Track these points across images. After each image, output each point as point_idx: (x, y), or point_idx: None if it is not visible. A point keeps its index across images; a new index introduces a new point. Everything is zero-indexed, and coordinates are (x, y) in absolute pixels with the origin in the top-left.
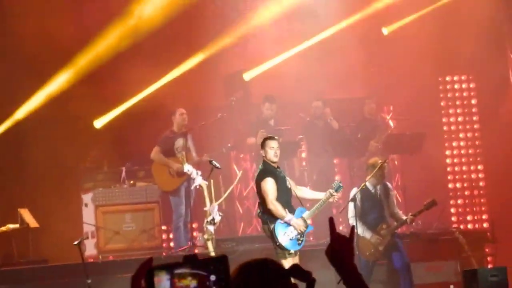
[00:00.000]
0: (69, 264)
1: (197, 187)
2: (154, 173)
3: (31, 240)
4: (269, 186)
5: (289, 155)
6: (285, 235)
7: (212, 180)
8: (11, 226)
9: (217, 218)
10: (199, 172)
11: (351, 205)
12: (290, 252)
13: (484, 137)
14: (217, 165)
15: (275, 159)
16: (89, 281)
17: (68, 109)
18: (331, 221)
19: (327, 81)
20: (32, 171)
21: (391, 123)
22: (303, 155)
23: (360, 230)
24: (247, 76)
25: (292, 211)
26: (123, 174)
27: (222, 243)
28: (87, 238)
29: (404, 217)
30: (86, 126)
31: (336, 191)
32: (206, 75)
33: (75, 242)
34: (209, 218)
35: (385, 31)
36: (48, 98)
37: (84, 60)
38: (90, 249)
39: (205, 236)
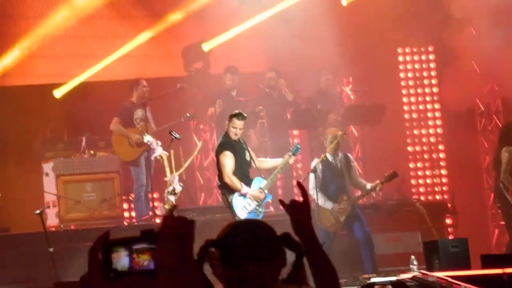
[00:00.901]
0: (31, 233)
1: (157, 157)
2: (114, 143)
3: None
4: (226, 159)
5: (249, 126)
6: (243, 209)
7: (172, 151)
8: None
9: (178, 188)
10: (159, 143)
11: (311, 176)
12: None
13: (444, 109)
14: (177, 135)
15: (234, 138)
16: (51, 249)
17: (27, 79)
18: (299, 184)
19: (285, 52)
20: None
21: (350, 94)
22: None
23: (321, 201)
24: (206, 46)
25: (249, 182)
26: (83, 144)
27: (182, 213)
28: (48, 207)
29: (369, 186)
30: (46, 95)
31: (294, 154)
32: (165, 45)
33: (37, 211)
34: (170, 188)
35: (344, 2)
36: (8, 67)
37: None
38: (51, 218)
39: (166, 206)
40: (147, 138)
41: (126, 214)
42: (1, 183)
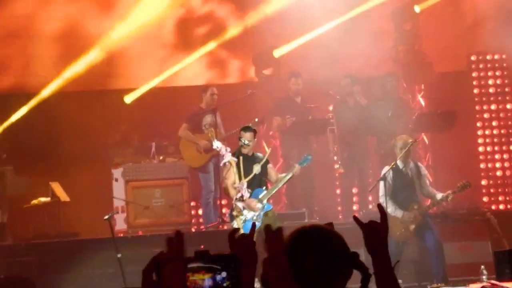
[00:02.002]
0: (99, 238)
1: (226, 163)
2: (182, 149)
3: (61, 213)
4: (226, 168)
5: (318, 132)
6: (240, 219)
7: (241, 157)
8: (42, 199)
9: (246, 195)
10: (228, 149)
11: (381, 184)
12: None
13: None
14: (246, 142)
15: (244, 151)
16: (119, 255)
17: (98, 85)
18: (380, 207)
19: (357, 59)
20: (63, 146)
21: (422, 101)
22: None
23: (391, 209)
24: (277, 53)
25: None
26: (153, 149)
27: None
28: (117, 212)
29: (440, 196)
30: (116, 101)
31: (301, 164)
32: (236, 51)
33: (105, 217)
34: (238, 195)
35: (417, 8)
36: (80, 73)
37: (115, 37)
38: (120, 224)
39: (234, 213)
40: (216, 144)
41: (194, 220)
42: (71, 188)
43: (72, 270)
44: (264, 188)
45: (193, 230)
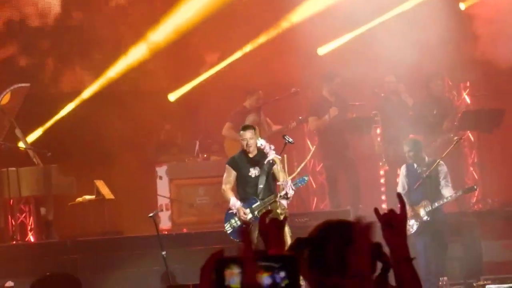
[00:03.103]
0: (144, 236)
1: (270, 161)
2: (227, 148)
3: (106, 211)
4: (225, 171)
5: (363, 131)
6: (228, 223)
7: (285, 155)
8: (87, 197)
9: (290, 193)
10: (272, 146)
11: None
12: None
13: None
14: (290, 139)
15: (248, 149)
16: (163, 253)
17: (142, 83)
18: (399, 196)
19: (401, 57)
20: (108, 144)
21: (467, 99)
22: (378, 131)
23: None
24: (321, 51)
25: (245, 199)
26: (197, 147)
27: (295, 218)
28: (162, 210)
29: (448, 193)
30: (160, 99)
31: (295, 185)
32: (280, 49)
33: (150, 215)
34: (283, 193)
35: (462, 6)
36: (123, 72)
37: (159, 34)
38: (164, 222)
39: (278, 211)
40: (260, 142)
41: None
42: (115, 186)
43: (117, 267)
44: (260, 197)
45: None
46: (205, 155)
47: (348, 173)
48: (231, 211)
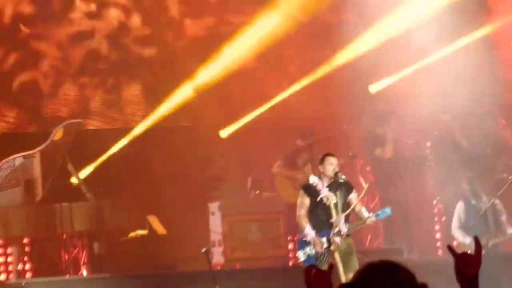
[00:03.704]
0: (197, 271)
1: (323, 199)
2: (278, 186)
3: (159, 246)
4: (299, 199)
5: (415, 169)
6: (302, 250)
7: (338, 192)
8: (140, 232)
9: (344, 230)
10: (325, 183)
11: (454, 217)
12: None
13: None
14: (343, 177)
15: (333, 176)
16: (217, 287)
17: (194, 118)
18: (476, 239)
19: (452, 94)
20: (159, 180)
21: None
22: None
23: (461, 237)
24: (373, 88)
25: (321, 229)
26: (249, 183)
27: None
28: (214, 246)
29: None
30: (212, 135)
31: (377, 216)
32: (333, 85)
33: (203, 250)
34: (336, 230)
35: None
36: (176, 108)
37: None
38: (217, 257)
39: (332, 248)
40: (313, 179)
41: (291, 254)
42: (167, 221)
43: None
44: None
45: (290, 264)
46: (257, 192)
47: (400, 209)
48: (304, 238)
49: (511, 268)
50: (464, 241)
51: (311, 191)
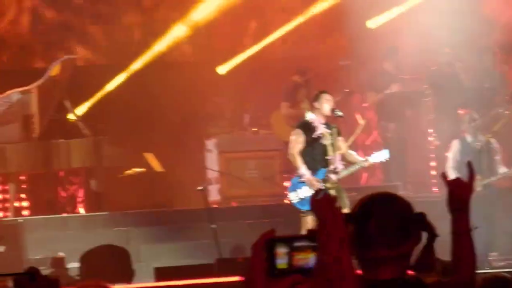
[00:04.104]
0: (193, 209)
1: (320, 135)
2: (274, 123)
3: (156, 184)
4: (293, 137)
5: (413, 104)
6: (295, 192)
7: (334, 129)
8: (137, 170)
9: (340, 167)
10: (322, 120)
11: (449, 156)
12: (302, 211)
13: None
14: (340, 113)
15: (330, 114)
16: (213, 226)
17: (192, 56)
18: (470, 164)
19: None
20: (157, 117)
21: None
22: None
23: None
24: (372, 24)
25: (316, 167)
26: (247, 121)
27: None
28: (211, 184)
29: (503, 170)
30: (209, 72)
31: (374, 159)
32: (330, 22)
33: (199, 187)
34: (331, 167)
35: None
36: (172, 45)
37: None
38: (213, 195)
39: (327, 185)
40: (310, 115)
41: (286, 192)
42: (163, 159)
43: (167, 240)
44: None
45: (286, 201)
46: (254, 129)
47: (397, 147)
48: (300, 179)
49: (503, 205)
50: None
51: (307, 128)
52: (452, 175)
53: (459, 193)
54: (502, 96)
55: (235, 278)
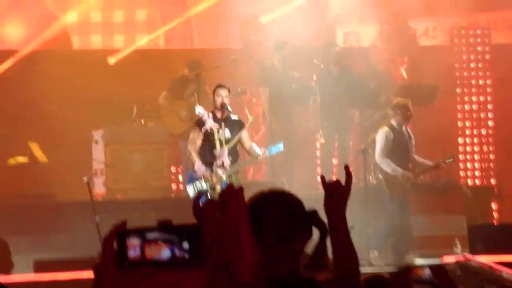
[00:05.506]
0: (78, 201)
1: (208, 130)
2: (163, 115)
3: (39, 174)
4: (191, 134)
5: (301, 102)
6: (191, 185)
7: (223, 123)
8: (19, 158)
9: (227, 162)
10: (211, 114)
11: (379, 142)
12: None
13: (496, 92)
14: (229, 108)
15: (220, 109)
16: (97, 218)
17: (80, 44)
18: (347, 168)
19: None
20: (42, 105)
21: (404, 73)
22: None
23: (390, 168)
24: (265, 19)
25: (210, 162)
26: (134, 112)
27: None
28: (96, 175)
29: (431, 163)
30: (100, 61)
31: (270, 151)
32: (222, 16)
33: (84, 179)
34: (219, 162)
35: None
36: (62, 32)
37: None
38: (98, 187)
39: (214, 179)
40: (199, 109)
41: (173, 186)
42: (48, 149)
43: (49, 232)
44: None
45: (172, 196)
46: (142, 121)
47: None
48: (194, 174)
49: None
50: (386, 169)
51: (202, 124)
52: (383, 164)
53: (335, 196)
54: (387, 96)
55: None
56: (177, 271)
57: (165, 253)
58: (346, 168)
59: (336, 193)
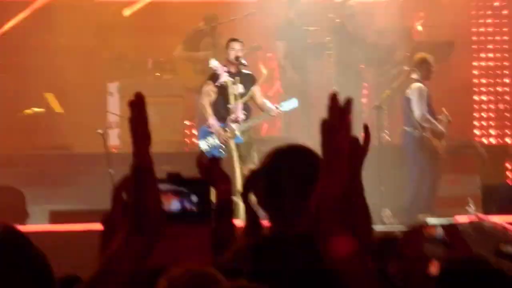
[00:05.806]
0: (92, 153)
1: (222, 83)
2: (178, 68)
3: (55, 125)
4: (204, 88)
5: (315, 57)
6: (204, 140)
7: (241, 83)
8: (36, 109)
9: (242, 117)
10: (225, 68)
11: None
12: None
13: None
14: (244, 61)
15: (234, 62)
16: (111, 171)
17: None
18: (366, 127)
19: None
20: (58, 57)
21: (420, 28)
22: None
23: (433, 125)
24: None
25: (223, 117)
26: (150, 65)
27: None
28: (111, 128)
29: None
30: (115, 14)
31: (284, 108)
32: None
33: (99, 130)
34: (233, 116)
35: None
36: None
37: None
38: (113, 139)
39: (228, 134)
40: (214, 63)
41: (187, 140)
42: (64, 101)
43: (64, 183)
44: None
45: (186, 150)
46: (157, 74)
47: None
48: (209, 129)
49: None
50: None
51: (215, 78)
52: (427, 122)
53: (354, 156)
54: (403, 52)
55: None
56: (184, 224)
57: (175, 204)
58: (365, 128)
59: (354, 153)
